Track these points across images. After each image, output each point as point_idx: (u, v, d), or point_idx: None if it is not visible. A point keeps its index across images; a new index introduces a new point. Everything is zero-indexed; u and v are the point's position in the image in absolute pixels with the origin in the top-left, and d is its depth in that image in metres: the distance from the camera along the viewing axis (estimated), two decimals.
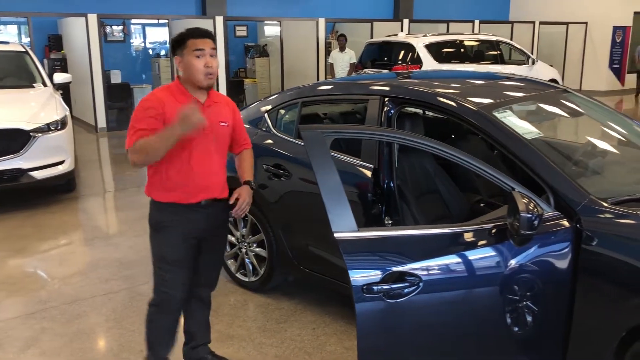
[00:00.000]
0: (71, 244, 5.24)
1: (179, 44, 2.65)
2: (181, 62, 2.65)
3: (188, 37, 2.64)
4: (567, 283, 2.41)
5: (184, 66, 2.65)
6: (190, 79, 2.66)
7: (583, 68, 17.00)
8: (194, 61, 2.62)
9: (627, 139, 3.44)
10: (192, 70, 2.63)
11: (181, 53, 2.64)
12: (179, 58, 2.66)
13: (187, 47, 2.63)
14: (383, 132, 2.22)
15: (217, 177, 2.79)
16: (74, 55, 11.80)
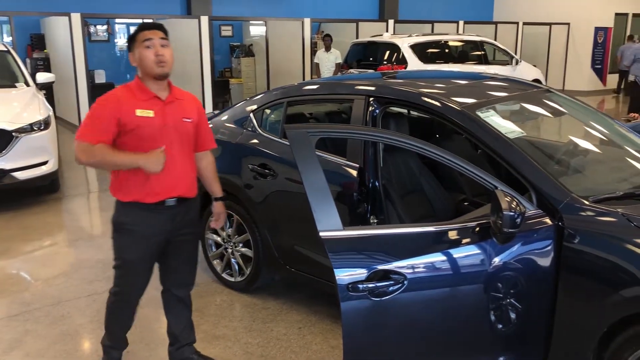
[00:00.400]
0: (55, 245, 5.20)
1: (130, 41, 2.68)
2: (134, 57, 2.66)
3: (138, 31, 2.67)
4: (549, 280, 2.45)
5: (138, 60, 2.65)
6: (145, 70, 2.65)
7: (566, 68, 17.19)
8: (145, 52, 2.63)
9: (608, 138, 3.49)
10: (144, 61, 2.63)
11: (134, 48, 2.66)
12: (132, 54, 2.66)
13: (137, 40, 2.65)
14: (369, 131, 2.23)
15: (181, 175, 2.77)
16: (57, 55, 11.68)
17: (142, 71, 2.67)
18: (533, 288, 2.45)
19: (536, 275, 2.44)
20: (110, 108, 2.61)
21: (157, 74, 2.65)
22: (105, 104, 2.63)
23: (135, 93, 2.68)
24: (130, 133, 2.63)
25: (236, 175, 3.84)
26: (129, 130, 2.62)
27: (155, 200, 2.70)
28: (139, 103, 2.65)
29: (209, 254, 4.20)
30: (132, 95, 2.67)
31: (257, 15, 14.38)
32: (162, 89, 2.72)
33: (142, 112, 2.64)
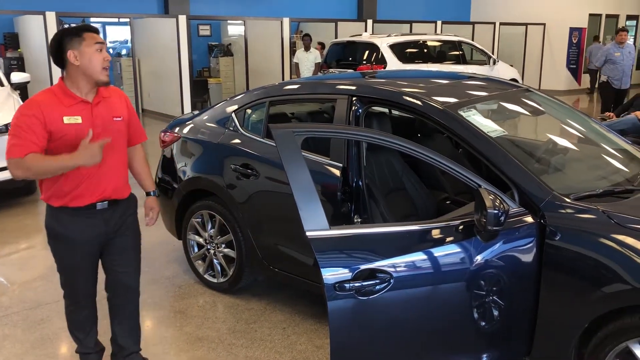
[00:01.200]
0: (32, 247, 5.10)
1: (73, 36, 2.49)
2: (78, 56, 2.48)
3: (84, 30, 2.52)
4: (532, 277, 2.48)
5: (85, 59, 2.48)
6: (89, 73, 2.51)
7: (542, 68, 17.43)
8: (96, 55, 2.50)
9: (587, 136, 3.55)
10: (92, 64, 2.49)
11: (78, 46, 2.48)
12: (74, 52, 2.47)
13: (86, 39, 2.50)
14: (354, 131, 2.23)
15: (112, 177, 2.67)
16: (32, 55, 11.48)
17: (83, 73, 2.51)
18: (516, 285, 2.49)
19: (519, 273, 2.47)
20: (34, 117, 2.44)
21: (103, 82, 2.55)
22: (29, 114, 2.45)
23: (61, 98, 2.52)
24: (58, 141, 2.50)
25: (218, 176, 3.81)
26: (57, 138, 2.49)
27: (83, 204, 2.61)
28: (65, 109, 2.50)
29: (190, 255, 4.17)
30: (57, 101, 2.51)
31: (236, 14, 14.31)
32: (91, 91, 2.58)
33: (70, 119, 2.50)
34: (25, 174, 2.48)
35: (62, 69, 2.58)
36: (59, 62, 2.55)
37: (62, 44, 2.50)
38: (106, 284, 2.92)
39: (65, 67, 2.55)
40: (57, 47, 2.51)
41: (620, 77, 9.51)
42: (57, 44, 2.51)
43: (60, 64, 2.56)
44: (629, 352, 2.33)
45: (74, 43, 2.49)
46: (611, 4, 17.78)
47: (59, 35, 2.52)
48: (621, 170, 3.12)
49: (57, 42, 2.51)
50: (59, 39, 2.51)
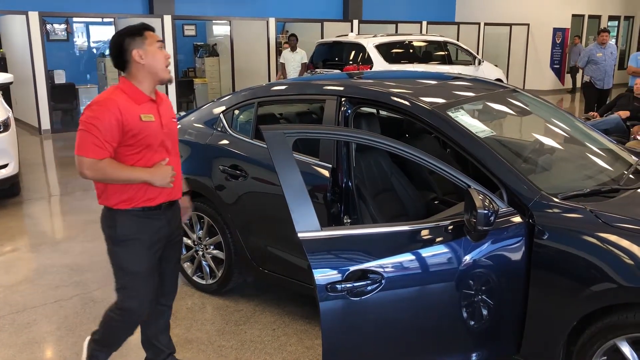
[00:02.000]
0: (17, 250, 5.04)
1: (135, 35, 2.48)
2: (143, 55, 2.47)
3: (144, 29, 2.51)
4: (521, 276, 2.50)
5: (149, 58, 2.48)
6: (154, 71, 2.50)
7: (526, 68, 17.60)
8: (159, 52, 2.51)
9: (573, 136, 3.58)
10: (157, 62, 2.49)
11: (142, 45, 2.48)
12: (139, 51, 2.46)
13: (148, 38, 2.49)
14: (345, 132, 2.23)
15: (176, 177, 2.67)
16: (14, 55, 11.36)
17: (148, 72, 2.50)
18: (506, 284, 2.51)
19: (509, 272, 2.49)
20: (114, 117, 2.39)
21: (167, 79, 2.56)
22: (109, 112, 2.39)
23: (132, 97, 2.49)
24: (134, 138, 2.46)
25: (206, 177, 3.79)
26: (135, 135, 2.45)
27: (154, 204, 2.57)
28: (138, 108, 2.48)
29: None
30: (130, 100, 2.47)
31: (221, 14, 14.26)
32: (152, 91, 2.59)
33: (145, 117, 2.49)
34: (95, 176, 2.41)
35: (122, 70, 2.54)
36: (121, 63, 2.51)
37: (123, 45, 2.47)
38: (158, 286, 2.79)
39: (127, 68, 2.51)
40: (119, 48, 2.48)
41: (603, 78, 9.61)
42: (119, 45, 2.48)
43: (121, 66, 2.52)
44: (616, 349, 2.36)
45: (137, 42, 2.47)
46: (593, 5, 18.00)
47: (120, 37, 2.48)
48: (607, 170, 3.16)
49: (119, 44, 2.48)
50: (120, 41, 2.48)
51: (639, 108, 7.08)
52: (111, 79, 12.60)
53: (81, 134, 2.40)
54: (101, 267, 4.51)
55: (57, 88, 11.49)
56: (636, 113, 7.02)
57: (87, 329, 3.58)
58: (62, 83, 11.80)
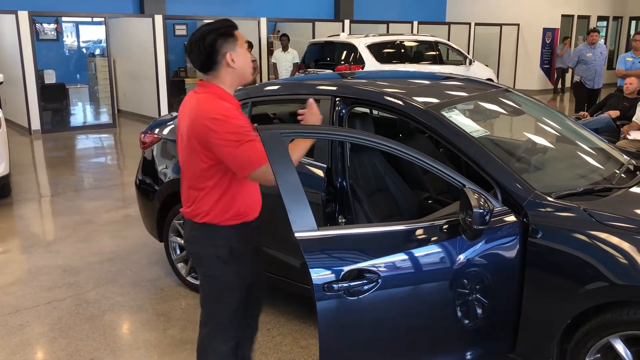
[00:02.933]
0: (8, 251, 5.00)
1: (227, 36, 2.27)
2: (235, 58, 2.28)
3: (234, 28, 2.30)
4: (516, 275, 2.52)
5: (240, 61, 2.29)
6: (243, 74, 2.32)
7: (516, 68, 17.69)
8: (248, 55, 2.34)
9: (565, 135, 3.61)
10: (246, 65, 2.31)
11: (234, 47, 2.28)
12: (232, 54, 2.27)
13: (238, 39, 2.30)
14: (341, 132, 2.24)
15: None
16: (4, 54, 11.27)
17: (238, 75, 2.31)
18: (501, 283, 2.52)
19: (504, 270, 2.51)
20: (246, 119, 2.28)
21: (252, 81, 2.43)
22: (243, 116, 2.28)
23: (229, 102, 2.28)
24: None
25: None
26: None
27: (253, 218, 2.45)
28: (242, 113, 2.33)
29: (172, 258, 4.13)
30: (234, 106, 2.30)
31: (212, 14, 14.22)
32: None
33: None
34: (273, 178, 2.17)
35: (206, 71, 2.32)
36: (209, 64, 2.28)
37: (215, 46, 2.25)
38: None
39: (214, 70, 2.30)
40: (211, 49, 2.25)
41: (593, 77, 9.67)
42: (211, 46, 2.25)
43: (208, 67, 2.30)
44: (610, 347, 2.38)
45: (229, 45, 2.27)
46: (583, 6, 18.12)
47: (212, 37, 2.25)
48: (599, 169, 3.19)
49: (211, 44, 2.25)
50: (212, 41, 2.25)
51: (628, 108, 7.14)
52: (102, 78, 12.53)
53: (242, 148, 2.18)
54: (94, 268, 4.49)
55: (47, 88, 11.42)
56: (626, 112, 7.08)
57: (81, 330, 3.57)
58: (52, 83, 11.72)
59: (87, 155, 9.31)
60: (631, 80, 7.42)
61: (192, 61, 2.35)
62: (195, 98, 2.32)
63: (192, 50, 2.29)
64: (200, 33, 2.27)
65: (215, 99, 2.26)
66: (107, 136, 10.68)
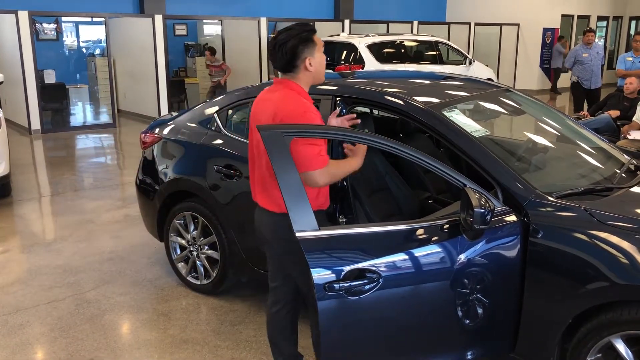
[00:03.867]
0: (8, 251, 5.00)
1: (308, 42, 2.44)
2: (312, 62, 2.46)
3: (313, 32, 2.46)
4: (517, 274, 2.52)
5: (317, 65, 2.48)
6: (317, 77, 2.53)
7: (516, 68, 17.68)
8: (323, 58, 2.51)
9: (566, 135, 3.61)
10: (322, 69, 2.51)
11: (313, 52, 2.46)
12: (311, 59, 2.45)
13: (317, 44, 2.47)
14: (342, 131, 2.24)
15: None
16: (4, 54, 11.26)
17: (313, 78, 2.51)
18: (501, 282, 2.52)
19: (504, 270, 2.51)
20: (319, 119, 2.45)
21: (322, 82, 2.60)
22: (317, 116, 2.44)
23: (307, 99, 2.50)
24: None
25: (201, 177, 3.79)
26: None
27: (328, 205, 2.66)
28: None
29: (173, 258, 4.13)
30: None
31: (212, 14, 14.23)
32: None
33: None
34: (326, 181, 2.39)
35: (285, 71, 2.50)
36: (289, 67, 2.46)
37: (297, 51, 2.42)
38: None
39: (293, 72, 2.48)
40: (293, 53, 2.43)
41: (590, 78, 9.67)
42: (293, 50, 2.42)
43: (288, 69, 2.47)
44: (610, 347, 2.38)
45: (310, 50, 2.45)
46: (583, 6, 18.12)
47: (294, 42, 2.41)
48: (600, 169, 3.19)
49: (293, 49, 2.42)
50: (294, 46, 2.42)
51: (628, 107, 7.14)
52: (102, 78, 12.52)
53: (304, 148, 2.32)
54: (94, 268, 4.49)
55: (47, 88, 11.41)
56: (626, 112, 7.08)
57: (81, 330, 3.57)
58: (52, 83, 11.71)
59: (87, 155, 9.31)
60: (631, 80, 7.42)
61: (272, 61, 2.54)
62: (279, 94, 2.49)
63: (275, 53, 2.47)
64: (284, 37, 2.44)
65: (296, 96, 2.46)
66: (107, 136, 10.68)
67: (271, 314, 2.82)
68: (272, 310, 2.82)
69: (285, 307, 2.80)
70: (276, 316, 2.81)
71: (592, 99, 9.56)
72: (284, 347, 2.85)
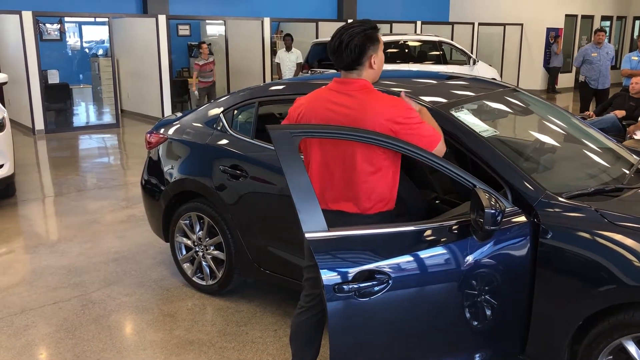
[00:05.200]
0: (13, 252, 4.99)
1: (375, 41, 2.39)
2: (376, 60, 2.42)
3: (377, 31, 2.42)
4: (527, 275, 2.50)
5: (379, 63, 2.44)
6: (377, 75, 2.49)
7: (519, 67, 17.65)
8: (383, 57, 2.48)
9: (575, 135, 3.58)
10: (382, 67, 2.47)
11: (377, 50, 2.41)
12: (375, 57, 2.41)
13: (380, 42, 2.42)
14: (353, 131, 2.22)
15: None
16: (7, 55, 11.28)
17: (374, 76, 2.46)
18: (512, 284, 2.50)
19: (514, 271, 2.49)
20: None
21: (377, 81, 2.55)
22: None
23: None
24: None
25: (207, 177, 3.77)
26: None
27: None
28: None
29: (178, 258, 4.12)
30: None
31: (215, 14, 14.22)
32: None
33: None
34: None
35: (349, 69, 2.42)
36: (354, 64, 2.40)
37: (364, 48, 2.37)
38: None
39: (357, 69, 2.41)
40: (361, 51, 2.37)
41: (597, 78, 9.61)
42: (362, 48, 2.36)
43: (352, 66, 2.41)
44: (622, 349, 2.36)
45: (375, 47, 2.40)
46: (586, 5, 18.09)
47: (362, 39, 2.36)
48: (609, 169, 3.17)
49: (362, 46, 2.36)
50: (362, 43, 2.36)
51: (634, 107, 7.10)
52: (105, 78, 12.53)
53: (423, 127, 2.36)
54: (99, 269, 4.48)
55: (50, 88, 11.42)
56: (632, 112, 7.04)
57: (87, 330, 3.55)
58: (55, 83, 11.72)
59: (91, 155, 9.31)
60: (637, 79, 7.37)
61: (335, 60, 2.42)
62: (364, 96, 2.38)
63: (341, 51, 2.37)
64: (350, 34, 2.36)
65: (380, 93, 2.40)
66: (111, 136, 10.68)
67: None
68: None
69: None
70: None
71: (601, 100, 9.50)
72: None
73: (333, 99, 2.43)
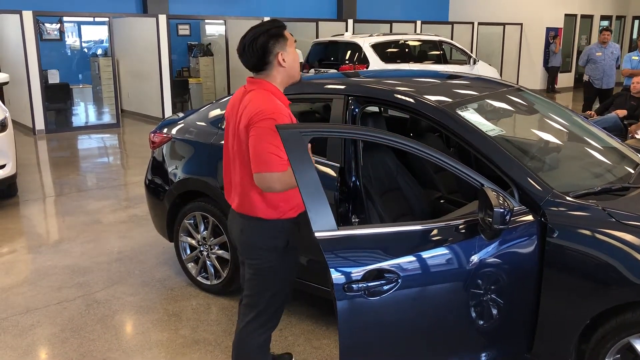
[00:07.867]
0: (16, 252, 4.98)
1: (279, 37, 2.37)
2: (285, 57, 2.40)
3: (283, 28, 2.41)
4: (534, 275, 2.50)
5: (290, 60, 2.41)
6: (292, 73, 2.45)
7: (519, 67, 17.66)
8: (296, 54, 2.44)
9: (580, 134, 3.59)
10: (295, 64, 2.43)
11: (284, 47, 2.39)
12: (283, 53, 2.38)
13: (288, 39, 2.40)
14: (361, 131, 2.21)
15: None
16: (7, 54, 11.26)
17: (287, 74, 2.43)
18: (519, 283, 2.51)
19: (522, 270, 2.49)
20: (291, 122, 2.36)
21: (298, 80, 2.50)
22: (286, 121, 2.32)
23: (281, 100, 2.42)
24: None
25: (211, 176, 3.77)
26: None
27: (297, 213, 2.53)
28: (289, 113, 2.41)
29: (183, 258, 4.12)
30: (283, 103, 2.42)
31: (215, 14, 14.21)
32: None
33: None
34: (285, 188, 2.31)
35: (258, 70, 2.43)
36: (262, 64, 2.39)
37: (268, 46, 2.35)
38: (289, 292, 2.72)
39: (266, 69, 2.41)
40: (264, 50, 2.36)
41: (601, 77, 9.59)
42: (264, 47, 2.35)
43: (260, 67, 2.40)
44: (630, 347, 2.36)
45: (281, 45, 2.38)
46: (586, 5, 18.10)
47: (265, 38, 2.35)
48: (614, 168, 3.17)
49: (264, 45, 2.35)
50: (265, 42, 2.35)
51: (635, 107, 7.12)
52: (105, 78, 12.51)
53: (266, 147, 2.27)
54: (103, 269, 4.48)
55: (51, 88, 11.40)
56: (633, 112, 7.06)
57: (92, 330, 3.55)
58: (56, 83, 11.70)
59: (92, 155, 9.30)
60: (638, 79, 7.39)
61: (244, 62, 2.45)
62: (252, 94, 2.41)
63: (245, 52, 2.40)
64: (252, 35, 2.38)
65: (268, 96, 2.37)
66: (111, 136, 10.67)
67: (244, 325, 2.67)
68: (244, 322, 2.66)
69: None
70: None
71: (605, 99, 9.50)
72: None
73: (239, 97, 2.50)
